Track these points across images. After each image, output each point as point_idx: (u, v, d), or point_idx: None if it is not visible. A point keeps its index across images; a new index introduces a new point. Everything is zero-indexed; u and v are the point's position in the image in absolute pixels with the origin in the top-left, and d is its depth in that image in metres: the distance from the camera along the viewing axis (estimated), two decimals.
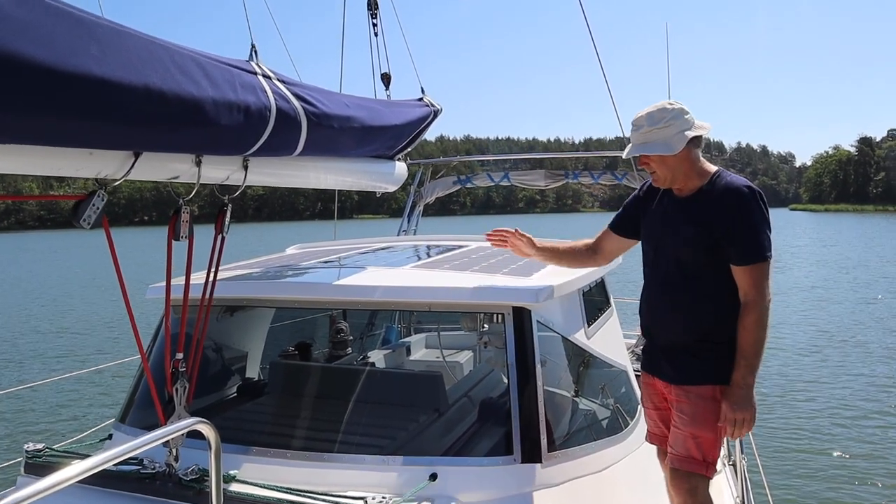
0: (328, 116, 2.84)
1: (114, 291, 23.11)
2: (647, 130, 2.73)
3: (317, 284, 3.36)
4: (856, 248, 40.41)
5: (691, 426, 2.72)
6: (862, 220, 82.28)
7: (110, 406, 9.48)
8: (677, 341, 2.79)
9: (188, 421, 2.03)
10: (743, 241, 2.64)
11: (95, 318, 19.21)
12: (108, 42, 1.93)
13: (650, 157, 2.78)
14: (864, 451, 8.17)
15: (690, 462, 2.72)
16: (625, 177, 6.65)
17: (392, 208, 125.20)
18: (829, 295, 21.02)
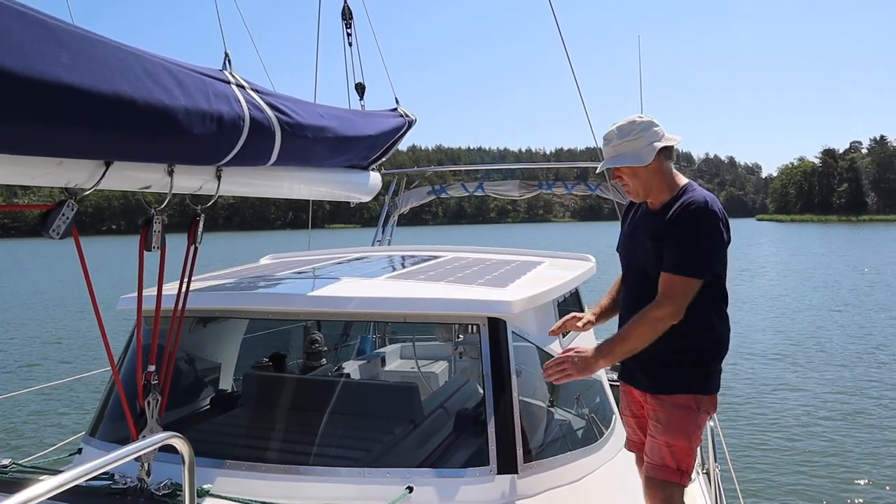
0: (302, 126, 2.81)
1: (84, 302, 22.76)
2: (618, 143, 2.77)
3: (291, 295, 3.32)
4: (820, 257, 41.09)
5: (665, 435, 2.73)
6: (826, 230, 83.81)
7: (80, 419, 9.30)
8: (649, 353, 2.78)
9: (161, 435, 1.99)
10: (675, 251, 2.66)
11: (65, 329, 18.85)
12: (79, 49, 1.89)
13: (622, 170, 2.80)
14: (834, 457, 8.28)
15: (665, 471, 2.73)
16: (598, 187, 6.68)
17: (364, 218, 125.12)
18: (795, 303, 21.37)
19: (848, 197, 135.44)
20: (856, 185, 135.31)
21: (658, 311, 2.65)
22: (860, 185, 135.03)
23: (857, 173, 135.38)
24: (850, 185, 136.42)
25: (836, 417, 9.85)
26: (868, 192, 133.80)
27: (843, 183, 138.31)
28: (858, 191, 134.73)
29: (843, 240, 60.37)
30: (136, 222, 2.47)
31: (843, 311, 19.77)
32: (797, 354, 13.92)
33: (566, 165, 8.46)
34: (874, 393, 11.12)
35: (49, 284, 31.24)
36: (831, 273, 30.54)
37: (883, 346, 14.58)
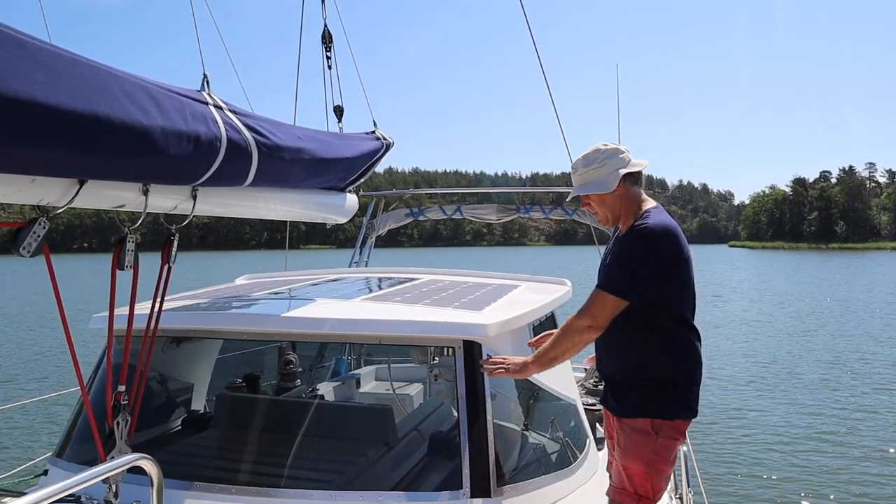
0: (279, 148, 2.81)
1: (53, 320, 22.36)
2: (584, 171, 2.84)
3: (266, 316, 3.29)
4: (791, 283, 41.61)
5: (623, 458, 2.75)
6: (796, 257, 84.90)
7: (48, 440, 9.09)
8: (613, 375, 2.85)
9: (129, 457, 1.96)
10: (609, 266, 2.76)
11: (34, 347, 18.48)
12: (55, 68, 1.87)
13: (590, 197, 2.87)
14: (805, 480, 8.33)
15: (622, 493, 2.74)
16: (575, 212, 6.72)
17: (340, 239, 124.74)
18: (766, 328, 21.55)
19: (818, 225, 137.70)
20: (825, 214, 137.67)
21: (574, 322, 2.73)
22: (830, 213, 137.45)
23: (828, 202, 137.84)
24: (819, 214, 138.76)
25: (807, 440, 9.93)
26: (837, 221, 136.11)
27: (813, 211, 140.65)
28: (828, 219, 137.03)
29: (813, 267, 61.21)
30: (109, 240, 2.45)
31: (813, 336, 19.96)
32: (768, 379, 14.03)
33: (543, 190, 8.49)
34: (843, 416, 11.24)
35: (18, 302, 30.69)
36: (801, 299, 30.91)
37: (853, 372, 14.73)
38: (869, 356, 16.53)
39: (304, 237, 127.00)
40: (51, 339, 19.29)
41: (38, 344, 18.93)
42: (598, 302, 2.70)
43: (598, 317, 2.69)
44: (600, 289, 2.71)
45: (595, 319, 2.69)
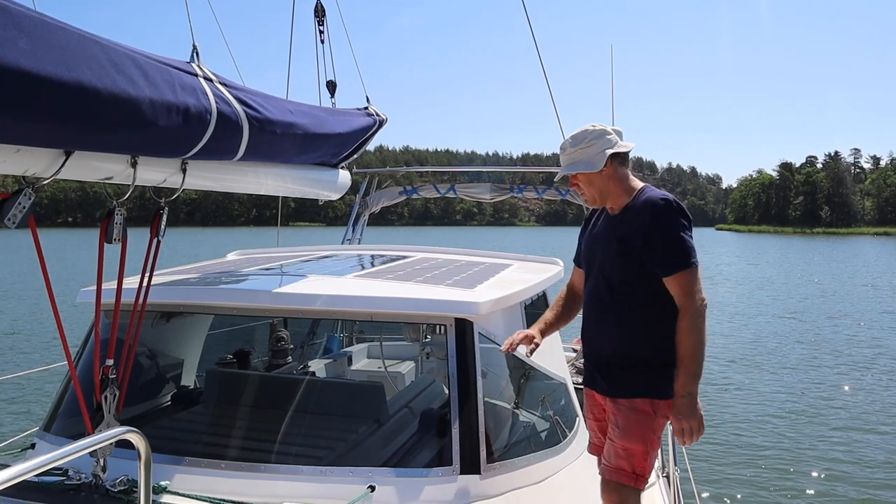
0: (271, 122, 2.75)
1: (39, 294, 22.18)
2: (571, 151, 2.82)
3: (257, 291, 3.25)
4: (776, 267, 41.86)
5: (622, 438, 2.72)
6: (782, 241, 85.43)
7: (35, 414, 9.03)
8: (609, 356, 2.81)
9: (117, 430, 1.93)
10: (664, 252, 2.67)
11: (20, 321, 18.32)
12: (39, 36, 1.81)
13: (578, 177, 2.84)
14: (790, 459, 8.40)
15: (620, 474, 2.72)
16: (568, 193, 6.69)
17: (329, 216, 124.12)
18: (752, 310, 21.64)
19: (803, 209, 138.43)
20: (811, 199, 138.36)
21: (695, 309, 2.65)
22: (815, 198, 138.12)
23: (813, 187, 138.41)
24: (805, 199, 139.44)
25: (792, 419, 10.00)
26: (822, 206, 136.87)
27: (798, 196, 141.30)
28: (813, 204, 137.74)
29: (798, 250, 61.64)
30: (94, 215, 2.40)
31: (795, 318, 20.09)
32: (753, 359, 14.11)
33: (536, 170, 8.43)
34: (827, 395, 11.34)
35: (2, 276, 30.44)
36: (785, 282, 31.13)
37: (836, 352, 14.87)
38: (851, 337, 16.70)
39: (293, 214, 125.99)
40: (38, 313, 19.12)
41: (25, 318, 18.76)
42: (695, 279, 2.67)
43: (701, 292, 2.68)
44: (686, 268, 2.65)
45: (702, 296, 2.68)
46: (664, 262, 2.68)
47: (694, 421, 2.66)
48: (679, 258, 2.67)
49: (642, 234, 2.69)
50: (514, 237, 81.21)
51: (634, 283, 2.72)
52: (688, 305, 2.65)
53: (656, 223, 2.69)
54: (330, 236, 8.92)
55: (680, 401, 2.65)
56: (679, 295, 2.67)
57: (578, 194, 3.08)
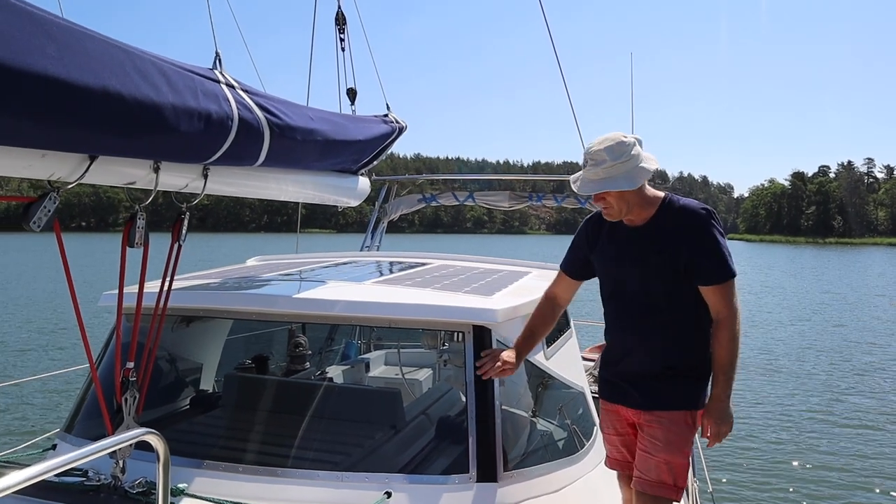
0: (291, 128, 2.75)
1: (59, 297, 22.32)
2: (611, 165, 2.60)
3: (276, 297, 3.24)
4: (789, 276, 41.47)
5: (665, 452, 2.66)
6: (794, 251, 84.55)
7: (56, 416, 9.06)
8: (649, 370, 2.72)
9: (136, 431, 1.92)
10: (709, 262, 2.63)
11: (41, 323, 18.43)
12: (66, 42, 1.83)
13: (610, 193, 2.66)
14: (808, 469, 8.26)
15: (661, 487, 2.66)
16: (587, 201, 6.61)
17: (339, 223, 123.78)
18: (769, 320, 21.34)
19: (815, 219, 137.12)
20: (823, 209, 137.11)
21: (733, 321, 2.63)
22: (828, 208, 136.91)
23: (825, 197, 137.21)
24: (817, 208, 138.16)
25: (810, 429, 9.85)
26: (835, 216, 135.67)
27: (811, 205, 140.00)
28: (826, 214, 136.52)
29: (810, 260, 61.09)
30: (107, 220, 2.40)
31: (813, 330, 19.85)
32: (770, 369, 13.90)
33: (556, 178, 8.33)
34: (847, 405, 11.15)
35: (22, 279, 30.66)
36: (801, 293, 30.80)
37: (859, 364, 14.62)
38: (872, 350, 16.39)
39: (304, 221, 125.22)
40: (57, 316, 19.23)
41: (46, 320, 18.89)
42: (732, 291, 2.64)
43: (738, 303, 2.66)
44: (726, 280, 2.62)
45: (739, 307, 2.66)
46: (709, 272, 2.63)
47: (729, 425, 2.68)
48: (724, 268, 2.63)
49: (687, 244, 2.63)
50: (524, 245, 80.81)
51: (677, 295, 2.67)
52: (728, 316, 2.63)
53: (701, 232, 2.64)
54: (348, 243, 8.94)
55: (720, 405, 2.65)
56: (719, 304, 2.63)
57: None
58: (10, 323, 18.76)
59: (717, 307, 2.63)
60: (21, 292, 26.08)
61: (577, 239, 3.01)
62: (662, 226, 2.69)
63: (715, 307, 2.64)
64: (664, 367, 2.69)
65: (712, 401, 2.65)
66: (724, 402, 2.64)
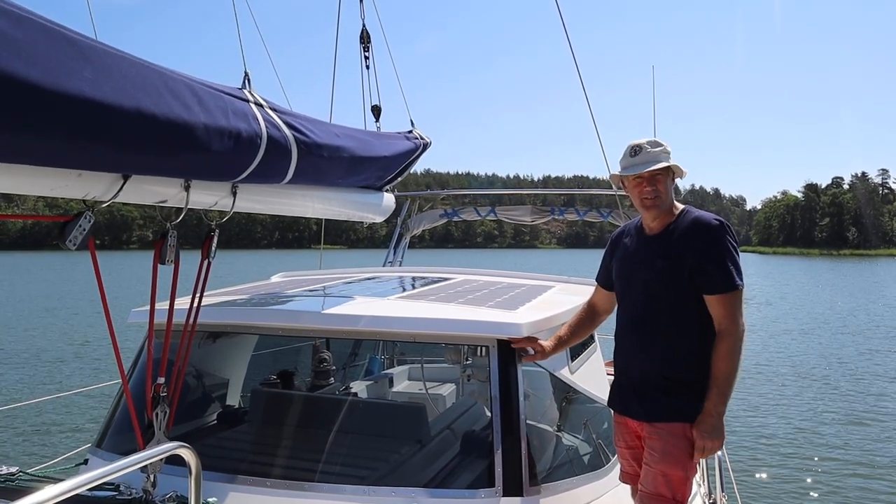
0: (318, 146, 2.76)
1: (91, 314, 22.49)
2: (661, 150, 2.73)
3: (301, 312, 3.24)
4: (804, 289, 40.95)
5: (661, 463, 2.63)
6: (808, 263, 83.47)
7: (88, 431, 9.09)
8: (649, 378, 2.71)
9: (168, 445, 1.92)
10: (714, 272, 2.60)
11: (75, 340, 18.60)
12: (102, 65, 1.85)
13: (661, 178, 2.72)
14: (838, 482, 8.09)
15: (659, 500, 2.62)
16: (610, 214, 6.53)
17: (351, 239, 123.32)
18: (792, 332, 21.02)
19: (829, 231, 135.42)
20: (837, 220, 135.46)
21: (735, 333, 2.59)
22: (842, 219, 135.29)
23: (839, 208, 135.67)
24: (831, 220, 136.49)
25: (837, 442, 9.69)
26: (849, 227, 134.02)
27: (824, 217, 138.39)
28: (840, 225, 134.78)
29: (824, 272, 60.33)
30: (121, 237, 2.40)
31: (837, 342, 19.60)
32: (798, 381, 13.69)
33: (580, 192, 8.24)
34: (875, 416, 11.00)
35: (51, 297, 30.97)
36: (816, 304, 30.41)
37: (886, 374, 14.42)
38: None
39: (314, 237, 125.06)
40: (81, 333, 19.40)
41: (75, 337, 19.06)
42: (739, 301, 2.62)
43: (741, 316, 2.63)
44: (732, 290, 2.60)
45: (742, 321, 2.62)
46: (714, 281, 2.61)
47: (719, 441, 2.61)
48: (728, 278, 2.60)
49: (694, 251, 2.62)
50: (535, 259, 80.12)
51: (681, 303, 2.65)
52: (730, 328, 2.59)
53: (710, 243, 2.63)
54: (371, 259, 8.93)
55: (710, 420, 2.58)
56: (722, 316, 2.60)
57: (621, 216, 2.99)
58: (38, 340, 18.93)
59: (720, 318, 2.61)
60: (52, 309, 26.36)
61: (605, 251, 3.06)
62: (676, 233, 2.70)
63: (718, 318, 2.61)
64: (663, 377, 2.66)
65: (703, 414, 2.59)
66: (714, 416, 2.58)
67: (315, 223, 5.01)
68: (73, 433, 9.52)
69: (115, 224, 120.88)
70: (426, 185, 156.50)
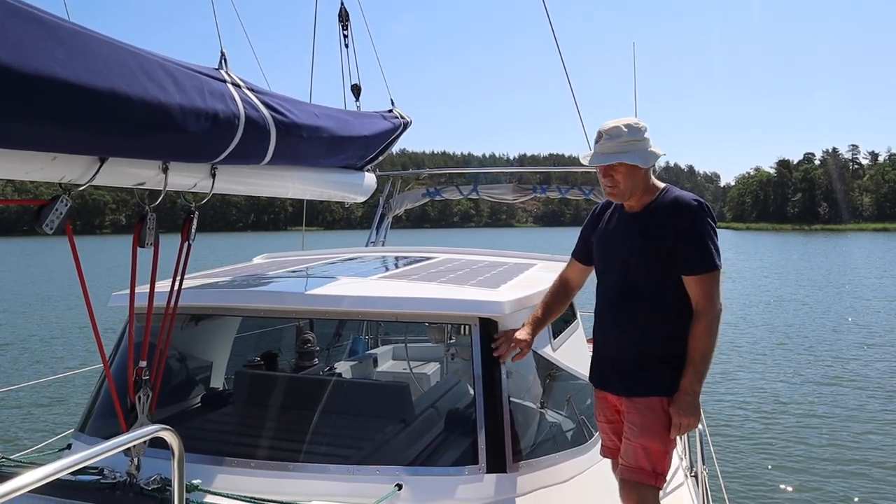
0: (297, 126, 2.72)
1: (69, 299, 22.20)
2: (627, 140, 2.66)
3: (284, 293, 3.21)
4: (778, 263, 41.41)
5: (641, 437, 2.64)
6: (781, 239, 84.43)
7: (71, 416, 9.00)
8: (626, 354, 2.72)
9: (151, 428, 1.89)
10: (692, 252, 2.60)
11: (54, 325, 18.36)
12: (74, 46, 1.81)
13: (620, 169, 2.68)
14: (817, 456, 8.17)
15: (640, 473, 2.64)
16: (591, 192, 6.52)
17: (327, 220, 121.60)
18: (763, 307, 21.22)
19: (801, 206, 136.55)
20: (809, 196, 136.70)
21: (713, 312, 2.60)
22: (813, 195, 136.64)
23: (811, 184, 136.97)
24: (803, 195, 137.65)
25: (814, 409, 9.84)
26: (820, 202, 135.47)
27: (796, 193, 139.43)
28: (811, 201, 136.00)
29: (796, 246, 61.09)
30: (93, 222, 2.35)
31: (810, 310, 19.90)
32: (776, 357, 13.77)
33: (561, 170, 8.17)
34: (855, 390, 11.10)
35: (30, 283, 30.55)
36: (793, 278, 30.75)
37: (867, 344, 14.63)
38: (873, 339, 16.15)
39: (291, 219, 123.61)
40: (63, 318, 19.16)
41: (51, 322, 18.81)
42: (717, 281, 2.62)
43: (719, 296, 2.63)
44: (710, 271, 2.59)
45: (719, 301, 2.62)
46: (692, 261, 2.61)
47: (694, 419, 2.63)
48: (707, 258, 2.60)
49: (673, 232, 2.62)
50: (512, 238, 79.75)
51: (659, 282, 2.65)
52: (707, 308, 2.60)
53: (689, 223, 2.62)
54: (353, 239, 8.87)
55: (685, 398, 2.59)
56: (699, 296, 2.61)
57: (602, 194, 2.98)
58: (17, 327, 18.67)
59: (698, 298, 2.61)
60: (31, 294, 25.99)
61: (585, 225, 3.05)
62: (655, 213, 2.70)
63: (695, 298, 2.62)
64: (641, 353, 2.67)
65: (679, 392, 2.60)
66: (690, 395, 2.59)
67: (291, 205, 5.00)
68: (57, 419, 9.43)
69: (86, 209, 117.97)
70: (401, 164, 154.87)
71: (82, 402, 4.88)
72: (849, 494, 7.13)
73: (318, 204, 4.56)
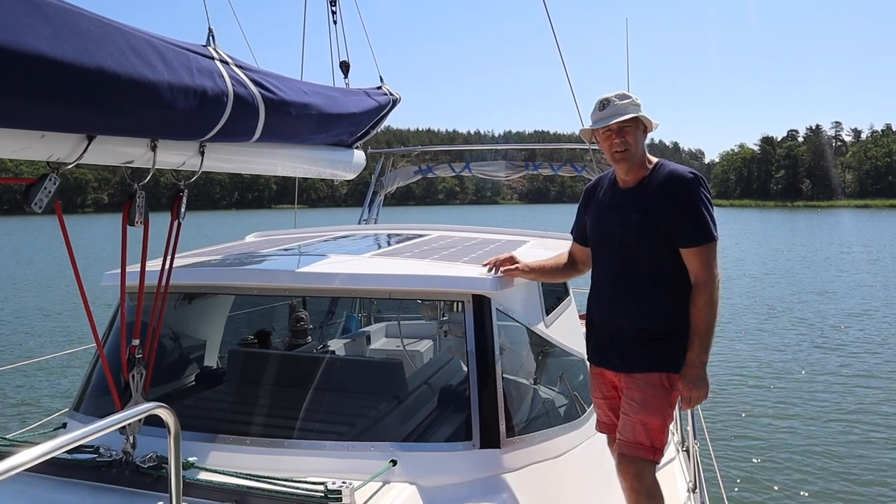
0: (286, 103, 2.68)
1: (62, 278, 22.03)
2: (630, 102, 2.71)
3: (276, 271, 3.18)
4: (761, 239, 41.62)
5: (641, 413, 2.66)
6: (764, 215, 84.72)
7: (66, 395, 8.96)
8: (625, 331, 2.72)
9: (146, 405, 1.87)
10: (690, 224, 2.61)
11: (47, 305, 18.21)
12: (61, 22, 1.77)
13: (629, 128, 2.70)
14: (808, 434, 8.21)
15: (638, 447, 2.66)
16: (584, 168, 6.49)
17: (312, 199, 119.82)
18: (756, 284, 21.21)
19: (784, 183, 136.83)
20: (792, 172, 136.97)
21: (713, 283, 2.61)
22: (796, 172, 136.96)
23: (794, 161, 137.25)
24: (786, 172, 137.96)
25: (811, 393, 9.78)
26: (803, 179, 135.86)
27: (780, 170, 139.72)
28: (795, 177, 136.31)
29: (779, 223, 61.40)
30: (75, 201, 2.31)
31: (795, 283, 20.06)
32: (769, 334, 13.77)
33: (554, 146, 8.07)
34: (841, 357, 11.27)
35: (20, 262, 30.28)
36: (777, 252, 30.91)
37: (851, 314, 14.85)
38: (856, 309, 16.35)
39: (275, 197, 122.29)
40: (55, 297, 19.03)
41: (46, 302, 18.66)
42: (714, 253, 2.63)
43: (717, 267, 2.63)
44: (708, 242, 2.61)
45: (717, 271, 2.63)
46: (689, 234, 2.61)
47: (704, 390, 2.64)
48: (704, 231, 2.61)
49: (670, 205, 2.62)
50: (498, 215, 79.38)
51: (657, 256, 2.65)
52: (706, 279, 2.60)
53: (685, 196, 2.63)
54: (345, 217, 8.81)
55: (694, 371, 2.61)
56: (698, 268, 2.61)
57: (594, 170, 2.99)
58: (11, 306, 18.52)
59: (696, 270, 2.62)
60: (18, 275, 25.73)
61: (580, 204, 3.04)
62: (650, 187, 2.69)
63: (694, 270, 2.62)
64: (640, 329, 2.68)
65: (686, 365, 2.63)
66: (698, 367, 2.61)
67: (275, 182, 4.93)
68: (52, 398, 9.39)
69: (68, 187, 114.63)
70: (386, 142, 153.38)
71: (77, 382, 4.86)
72: (839, 470, 7.17)
73: (302, 181, 4.54)
